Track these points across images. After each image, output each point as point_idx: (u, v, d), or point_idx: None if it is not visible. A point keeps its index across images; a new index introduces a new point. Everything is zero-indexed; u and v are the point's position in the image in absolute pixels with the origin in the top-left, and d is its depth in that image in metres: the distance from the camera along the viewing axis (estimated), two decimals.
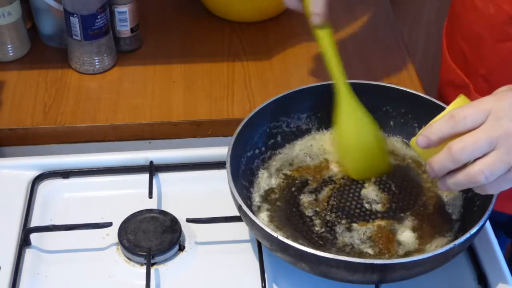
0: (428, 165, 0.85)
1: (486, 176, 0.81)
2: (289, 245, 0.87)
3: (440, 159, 0.83)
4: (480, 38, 1.10)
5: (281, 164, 1.06)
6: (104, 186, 1.10)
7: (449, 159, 0.82)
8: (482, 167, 0.81)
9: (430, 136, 0.84)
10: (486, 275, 0.98)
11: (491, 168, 0.81)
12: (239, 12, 1.41)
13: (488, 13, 1.06)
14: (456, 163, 0.82)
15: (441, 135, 0.83)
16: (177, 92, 1.28)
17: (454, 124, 0.82)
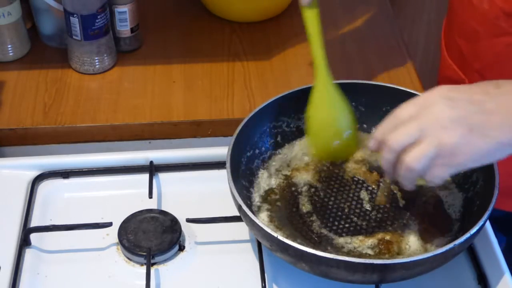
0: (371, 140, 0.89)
1: (419, 160, 0.82)
2: (289, 245, 0.87)
3: (383, 155, 0.86)
4: (476, 34, 1.11)
5: (280, 164, 1.06)
6: (104, 186, 1.10)
7: (387, 150, 0.85)
8: (413, 152, 0.83)
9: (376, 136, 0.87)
10: (486, 275, 0.98)
11: (421, 152, 0.82)
12: (239, 12, 1.41)
13: (483, 8, 1.08)
14: (392, 152, 0.85)
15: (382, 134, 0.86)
16: (177, 92, 1.28)
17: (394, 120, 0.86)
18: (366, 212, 0.99)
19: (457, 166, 0.83)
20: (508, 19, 1.05)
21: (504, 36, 1.06)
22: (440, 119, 0.82)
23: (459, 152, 0.81)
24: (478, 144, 0.81)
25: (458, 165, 0.83)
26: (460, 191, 1.02)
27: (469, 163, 0.83)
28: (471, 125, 0.81)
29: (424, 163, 0.83)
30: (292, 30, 1.41)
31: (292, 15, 1.44)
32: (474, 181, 1.00)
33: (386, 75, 1.31)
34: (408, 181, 0.86)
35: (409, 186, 0.88)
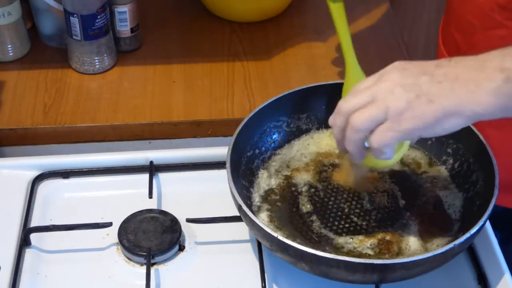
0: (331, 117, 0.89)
1: (363, 120, 0.82)
2: (289, 245, 0.87)
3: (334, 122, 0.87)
4: (472, 27, 1.11)
5: (280, 164, 1.06)
6: (104, 186, 1.10)
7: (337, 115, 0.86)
8: (359, 113, 0.83)
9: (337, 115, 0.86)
10: (486, 275, 0.98)
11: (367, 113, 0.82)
12: (239, 12, 1.42)
13: (479, 1, 1.08)
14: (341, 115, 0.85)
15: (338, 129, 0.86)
16: (177, 92, 1.28)
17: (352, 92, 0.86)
18: (366, 212, 0.99)
19: (403, 132, 0.82)
20: (502, 11, 1.05)
21: (499, 28, 1.07)
22: (390, 86, 0.83)
23: (405, 117, 0.81)
24: (424, 110, 0.81)
25: (404, 131, 0.82)
26: (460, 191, 1.02)
27: (416, 130, 0.82)
28: (419, 92, 0.81)
29: (368, 124, 0.82)
30: (292, 30, 1.41)
31: (292, 15, 1.44)
32: (474, 181, 1.00)
33: None
34: (355, 148, 0.85)
35: (357, 157, 0.87)
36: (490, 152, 0.97)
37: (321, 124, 1.10)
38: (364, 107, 0.83)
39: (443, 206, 1.01)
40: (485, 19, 1.09)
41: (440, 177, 1.04)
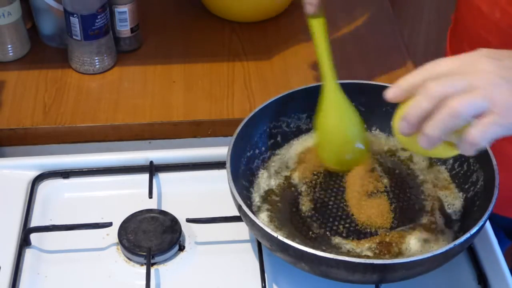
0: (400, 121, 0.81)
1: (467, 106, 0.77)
2: (289, 245, 0.87)
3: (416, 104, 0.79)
4: (487, 43, 1.09)
5: (280, 164, 1.06)
6: (104, 186, 1.10)
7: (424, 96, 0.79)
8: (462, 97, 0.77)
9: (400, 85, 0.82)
10: (486, 275, 0.98)
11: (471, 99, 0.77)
12: (239, 12, 1.42)
13: (494, 17, 1.06)
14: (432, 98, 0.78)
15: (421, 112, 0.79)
16: (177, 92, 1.28)
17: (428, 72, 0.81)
18: None
19: (507, 126, 0.76)
20: None
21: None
22: (491, 77, 0.77)
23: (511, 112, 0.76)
24: None
25: (509, 125, 0.76)
26: (460, 191, 1.02)
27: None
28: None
29: (471, 111, 0.76)
30: (292, 30, 1.41)
31: (292, 15, 1.44)
32: (474, 181, 1.00)
33: (386, 75, 1.31)
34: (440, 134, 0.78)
35: (431, 144, 0.79)
36: (490, 152, 0.97)
37: None
38: (466, 94, 0.77)
39: (443, 206, 1.01)
40: (501, 35, 1.07)
41: (440, 177, 1.04)
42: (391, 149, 1.08)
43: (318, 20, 1.03)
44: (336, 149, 1.02)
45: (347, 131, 1.02)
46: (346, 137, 1.02)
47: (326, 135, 1.02)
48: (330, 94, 1.01)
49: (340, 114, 1.02)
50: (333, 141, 1.02)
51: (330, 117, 1.02)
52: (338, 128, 1.02)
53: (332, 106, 1.02)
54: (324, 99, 1.02)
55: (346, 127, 1.02)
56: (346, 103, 1.02)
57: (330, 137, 1.02)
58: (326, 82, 1.02)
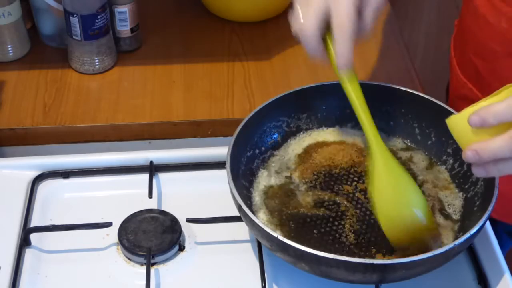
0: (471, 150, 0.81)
1: None
2: (289, 245, 0.87)
3: (496, 147, 0.79)
4: (494, 53, 1.09)
5: (280, 164, 1.06)
6: (104, 186, 1.10)
7: (509, 149, 0.79)
8: None
9: (488, 119, 0.80)
10: (486, 275, 0.98)
11: None
12: (239, 12, 1.42)
13: (501, 27, 1.06)
14: None
15: (502, 119, 0.80)
16: (177, 92, 1.28)
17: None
18: (366, 212, 0.99)
19: None
20: None
21: None
22: None
23: None
24: None
25: None
26: (460, 191, 1.02)
27: None
28: None
29: None
30: None
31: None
32: (474, 181, 1.00)
33: (386, 75, 1.31)
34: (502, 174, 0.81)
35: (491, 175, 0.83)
36: None
37: (321, 124, 1.10)
38: None
39: (443, 206, 1.01)
40: (509, 45, 1.07)
41: (440, 177, 1.04)
42: (391, 149, 1.08)
43: (353, 78, 0.93)
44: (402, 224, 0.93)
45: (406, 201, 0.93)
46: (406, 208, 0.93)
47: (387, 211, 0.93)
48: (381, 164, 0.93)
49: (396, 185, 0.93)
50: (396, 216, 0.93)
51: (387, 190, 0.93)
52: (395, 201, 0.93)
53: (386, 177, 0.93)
54: (375, 171, 0.93)
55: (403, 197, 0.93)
56: (400, 169, 0.94)
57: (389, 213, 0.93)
58: (375, 151, 0.93)
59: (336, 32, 0.90)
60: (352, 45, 0.91)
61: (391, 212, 0.93)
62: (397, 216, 0.93)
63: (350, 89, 0.94)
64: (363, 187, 1.02)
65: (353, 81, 0.94)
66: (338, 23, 0.90)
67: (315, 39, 0.91)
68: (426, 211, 0.93)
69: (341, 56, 0.91)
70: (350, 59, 0.92)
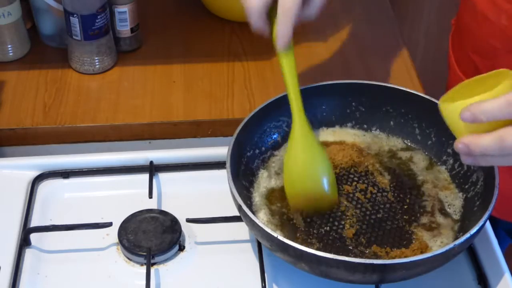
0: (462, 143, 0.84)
1: None
2: (289, 245, 0.87)
3: (486, 144, 0.82)
4: (493, 50, 1.09)
5: (280, 164, 1.06)
6: (104, 186, 1.10)
7: (497, 147, 0.81)
8: None
9: (479, 116, 0.81)
10: (486, 275, 0.98)
11: None
12: (239, 12, 1.40)
13: (500, 24, 1.06)
14: (503, 152, 0.81)
15: (493, 118, 0.81)
16: (177, 92, 1.28)
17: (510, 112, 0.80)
18: (366, 212, 0.99)
19: None
20: None
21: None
22: None
23: None
24: None
25: None
26: (460, 191, 1.02)
27: None
28: None
29: None
30: None
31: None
32: (474, 181, 1.00)
33: (386, 75, 1.31)
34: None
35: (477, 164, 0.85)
36: None
37: (321, 124, 1.10)
38: None
39: (443, 206, 1.01)
40: (508, 42, 1.07)
41: (440, 177, 1.04)
42: (391, 149, 1.08)
43: (289, 55, 0.99)
44: (302, 192, 0.98)
45: (314, 173, 0.99)
46: (313, 180, 0.99)
47: (292, 176, 0.99)
48: (298, 134, 0.99)
49: (308, 155, 0.99)
50: (299, 183, 0.98)
51: (297, 158, 0.99)
52: (304, 170, 0.99)
53: (300, 146, 0.99)
54: (292, 138, 0.99)
55: (313, 169, 0.99)
56: (316, 144, 0.99)
57: (296, 178, 0.99)
58: (295, 122, 0.99)
59: (279, 12, 0.95)
60: (292, 27, 0.95)
61: (296, 178, 0.99)
62: (301, 183, 0.98)
63: (284, 64, 0.99)
64: (363, 187, 1.02)
65: (288, 57, 0.99)
66: (283, 4, 0.94)
67: (258, 14, 0.97)
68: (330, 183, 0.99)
69: (281, 37, 0.97)
70: (289, 40, 0.97)
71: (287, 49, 0.98)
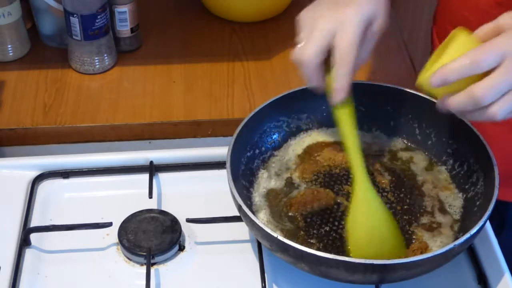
0: (443, 103, 0.87)
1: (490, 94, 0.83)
2: (289, 245, 0.87)
3: (461, 101, 0.85)
4: (467, 22, 1.10)
5: (280, 164, 1.06)
6: (104, 186, 1.10)
7: (471, 102, 0.84)
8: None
9: (447, 78, 0.85)
10: (486, 275, 0.98)
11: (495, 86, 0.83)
12: (239, 12, 1.42)
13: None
14: (477, 106, 0.84)
15: (459, 76, 0.85)
16: (177, 92, 1.28)
17: (472, 67, 0.84)
18: None
19: None
20: (499, 7, 1.04)
21: None
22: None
23: None
24: None
25: None
26: (460, 191, 1.02)
27: None
28: None
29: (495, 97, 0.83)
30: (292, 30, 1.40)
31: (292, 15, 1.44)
32: (474, 181, 1.00)
33: (386, 75, 1.31)
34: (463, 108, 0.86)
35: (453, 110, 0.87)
36: (490, 153, 0.97)
37: (321, 124, 1.10)
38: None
39: (443, 206, 1.01)
40: (481, 15, 1.08)
41: (440, 177, 1.04)
42: (391, 150, 1.08)
43: (347, 108, 0.94)
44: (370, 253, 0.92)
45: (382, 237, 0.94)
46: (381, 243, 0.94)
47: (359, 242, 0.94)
48: (361, 197, 0.94)
49: (374, 221, 0.94)
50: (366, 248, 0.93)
51: (362, 225, 0.94)
52: (372, 235, 0.94)
53: (364, 211, 0.94)
54: (354, 201, 0.94)
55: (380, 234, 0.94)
56: (379, 204, 0.95)
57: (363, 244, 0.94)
58: (357, 183, 0.94)
59: (337, 62, 0.90)
60: (351, 77, 0.91)
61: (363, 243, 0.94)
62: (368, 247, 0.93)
63: (341, 119, 0.95)
64: None
65: (346, 110, 0.94)
66: (341, 56, 0.90)
67: (313, 66, 0.91)
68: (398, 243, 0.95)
69: (339, 90, 0.92)
70: (347, 93, 0.92)
71: (345, 102, 0.93)
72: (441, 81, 0.85)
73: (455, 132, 1.04)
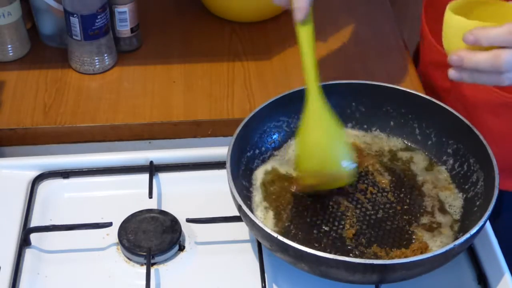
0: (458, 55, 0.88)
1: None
2: (289, 245, 0.87)
3: (481, 59, 0.87)
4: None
5: (280, 164, 1.06)
6: (104, 186, 1.10)
7: (491, 65, 0.86)
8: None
9: (481, 40, 0.86)
10: (486, 275, 0.98)
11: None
12: (239, 12, 1.41)
13: None
14: (495, 68, 0.86)
15: (493, 44, 0.86)
16: (177, 92, 1.28)
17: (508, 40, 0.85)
18: (366, 212, 0.99)
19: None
20: None
21: None
22: None
23: None
24: None
25: None
26: (460, 191, 1.02)
27: None
28: None
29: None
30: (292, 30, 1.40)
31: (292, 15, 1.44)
32: (474, 181, 1.00)
33: (386, 75, 1.31)
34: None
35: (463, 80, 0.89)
36: (491, 153, 0.97)
37: None
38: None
39: (443, 206, 1.01)
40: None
41: (440, 177, 1.04)
42: (391, 150, 1.08)
43: (307, 27, 0.98)
44: (318, 167, 0.97)
45: (331, 147, 0.98)
46: (329, 154, 0.98)
47: (307, 149, 0.98)
48: (313, 105, 0.98)
49: (324, 129, 0.98)
50: (314, 158, 0.98)
51: (312, 130, 0.98)
52: (320, 142, 0.98)
53: (315, 118, 0.97)
54: (307, 110, 0.98)
55: (329, 141, 0.98)
56: (331, 116, 0.98)
57: (310, 153, 0.98)
58: (310, 93, 0.98)
59: None
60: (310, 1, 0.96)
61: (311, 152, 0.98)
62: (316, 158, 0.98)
63: (301, 35, 0.98)
64: (363, 187, 1.02)
65: (306, 28, 0.98)
66: None
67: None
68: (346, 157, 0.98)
69: (299, 10, 0.97)
70: (307, 11, 0.97)
71: (305, 21, 0.98)
72: (474, 41, 0.86)
73: (455, 132, 1.04)
